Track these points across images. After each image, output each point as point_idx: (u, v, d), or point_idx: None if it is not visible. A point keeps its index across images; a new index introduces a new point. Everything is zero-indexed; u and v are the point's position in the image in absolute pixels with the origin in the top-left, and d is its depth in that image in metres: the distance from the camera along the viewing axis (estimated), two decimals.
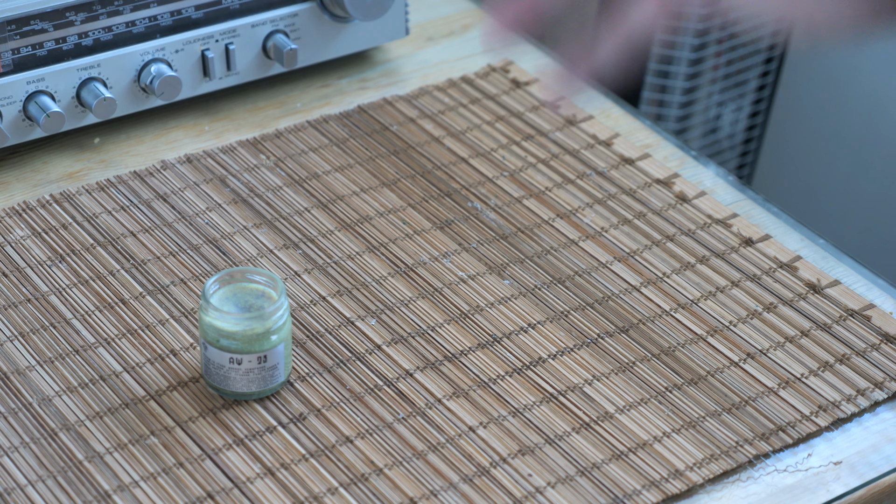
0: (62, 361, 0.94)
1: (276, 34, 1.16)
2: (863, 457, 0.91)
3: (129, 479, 0.86)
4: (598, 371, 0.95)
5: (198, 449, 0.89)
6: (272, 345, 0.90)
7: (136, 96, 1.13)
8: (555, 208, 1.09)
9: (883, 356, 0.97)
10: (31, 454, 0.88)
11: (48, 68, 1.08)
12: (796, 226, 1.09)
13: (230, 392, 0.91)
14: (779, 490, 0.89)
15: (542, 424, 0.91)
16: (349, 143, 1.14)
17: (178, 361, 0.94)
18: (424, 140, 1.15)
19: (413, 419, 0.91)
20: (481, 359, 0.96)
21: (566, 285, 1.02)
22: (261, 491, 0.86)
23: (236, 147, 1.13)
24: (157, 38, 1.12)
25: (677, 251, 1.05)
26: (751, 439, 0.91)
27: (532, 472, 0.88)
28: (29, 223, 1.05)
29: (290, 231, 1.05)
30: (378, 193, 1.09)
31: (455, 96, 1.20)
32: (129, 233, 1.05)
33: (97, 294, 0.99)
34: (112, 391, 0.92)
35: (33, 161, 1.12)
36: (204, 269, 1.02)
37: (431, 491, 0.87)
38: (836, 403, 0.94)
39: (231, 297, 0.90)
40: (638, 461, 0.89)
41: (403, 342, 0.97)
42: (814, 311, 1.01)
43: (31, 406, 0.91)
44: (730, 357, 0.97)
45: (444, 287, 1.01)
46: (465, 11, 1.31)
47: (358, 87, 1.21)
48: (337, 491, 0.86)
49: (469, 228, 1.06)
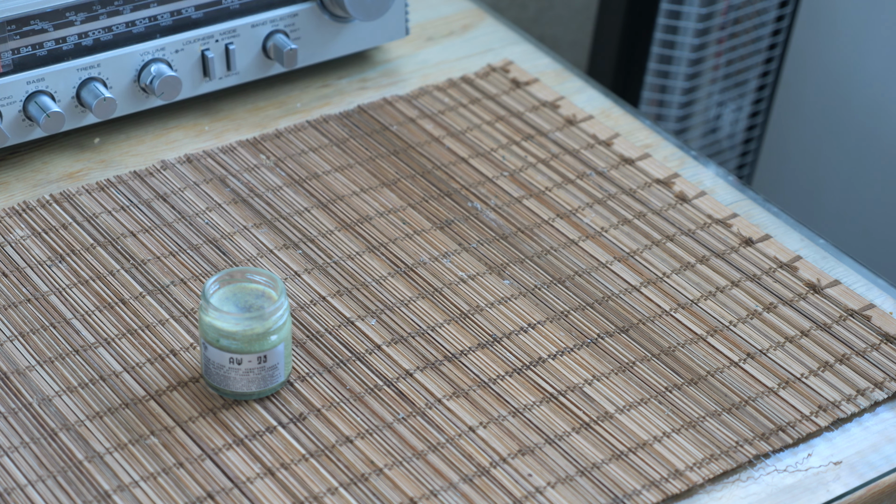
0: (62, 361, 0.94)
1: (276, 34, 1.16)
2: (863, 457, 0.91)
3: (129, 479, 0.86)
4: (598, 371, 0.95)
5: (198, 449, 0.89)
6: (272, 345, 0.90)
7: (136, 96, 1.13)
8: (555, 208, 1.09)
9: (883, 356, 0.97)
10: (31, 454, 0.88)
11: (48, 68, 1.08)
12: (796, 226, 1.09)
13: (230, 392, 0.91)
14: (779, 490, 0.89)
15: (542, 424, 0.91)
16: (349, 143, 1.14)
17: (178, 361, 0.94)
18: (424, 140, 1.15)
19: (413, 419, 0.91)
20: (481, 359, 0.96)
21: (566, 285, 1.02)
22: (261, 491, 0.86)
23: (236, 147, 1.13)
24: (157, 38, 1.12)
25: (677, 251, 1.05)
26: (751, 439, 0.91)
27: (532, 472, 0.88)
28: (29, 223, 1.05)
29: (290, 231, 1.05)
30: (378, 193, 1.09)
31: (455, 96, 1.20)
32: (129, 233, 1.05)
33: (97, 294, 0.99)
34: (112, 391, 0.92)
35: (33, 161, 1.12)
36: (204, 269, 1.02)
37: (431, 491, 0.87)
38: (836, 403, 0.94)
39: (231, 297, 0.90)
40: (638, 461, 0.89)
41: (403, 342, 0.97)
42: (814, 311, 1.01)
43: (31, 406, 0.91)
44: (730, 357, 0.97)
45: (444, 287, 1.01)
46: (465, 11, 1.31)
47: (358, 87, 1.21)
48: (337, 491, 0.86)
49: (469, 228, 1.06)
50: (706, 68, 1.75)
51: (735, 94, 1.80)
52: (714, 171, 1.14)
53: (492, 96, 1.20)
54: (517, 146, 1.15)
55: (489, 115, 1.18)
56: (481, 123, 1.17)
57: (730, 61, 1.77)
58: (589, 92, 1.22)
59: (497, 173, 1.12)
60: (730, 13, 1.73)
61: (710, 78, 1.77)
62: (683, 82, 1.73)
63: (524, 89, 1.21)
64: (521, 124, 1.17)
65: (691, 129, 1.78)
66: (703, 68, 1.74)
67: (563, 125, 1.17)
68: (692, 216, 1.08)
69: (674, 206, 1.09)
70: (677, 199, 1.10)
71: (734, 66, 1.77)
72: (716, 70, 1.76)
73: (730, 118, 1.81)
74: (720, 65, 1.76)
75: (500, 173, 1.12)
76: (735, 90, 1.80)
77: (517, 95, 1.20)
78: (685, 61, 1.72)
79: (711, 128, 1.81)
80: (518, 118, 1.18)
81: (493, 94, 1.20)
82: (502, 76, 1.22)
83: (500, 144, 1.15)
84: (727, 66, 1.77)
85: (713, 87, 1.78)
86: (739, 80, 1.79)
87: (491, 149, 1.14)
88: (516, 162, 1.13)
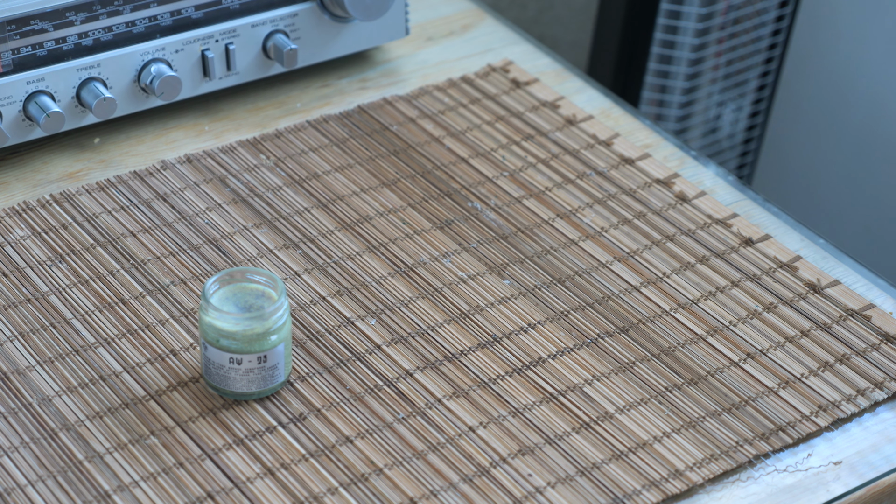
0: (62, 361, 0.94)
1: (276, 34, 1.16)
2: (863, 457, 0.91)
3: (129, 479, 0.86)
4: (598, 371, 0.95)
5: (198, 449, 0.89)
6: (272, 345, 0.90)
7: (136, 96, 1.13)
8: (555, 208, 1.09)
9: (883, 356, 0.97)
10: (31, 454, 0.88)
11: (48, 68, 1.08)
12: (796, 226, 1.09)
13: (230, 392, 0.91)
14: (779, 490, 0.89)
15: (542, 424, 0.91)
16: (349, 143, 1.14)
17: (178, 361, 0.94)
18: (424, 140, 1.15)
19: (413, 419, 0.91)
20: (481, 359, 0.96)
21: (566, 285, 1.02)
22: (261, 491, 0.86)
23: (236, 147, 1.13)
24: (157, 38, 1.12)
25: (677, 251, 1.05)
26: (751, 439, 0.91)
27: (532, 472, 0.88)
28: (29, 223, 1.05)
29: (290, 231, 1.05)
30: (378, 193, 1.09)
31: (455, 96, 1.20)
32: (129, 233, 1.05)
33: (97, 294, 0.99)
34: (112, 391, 0.92)
35: (33, 161, 1.12)
36: (204, 269, 1.02)
37: (431, 491, 0.87)
38: (836, 403, 0.94)
39: (231, 297, 0.90)
40: (638, 461, 0.89)
41: (403, 342, 0.97)
42: (814, 311, 1.01)
43: (31, 406, 0.91)
44: (730, 357, 0.97)
45: (444, 287, 1.01)
46: (465, 11, 1.31)
47: (358, 87, 1.21)
48: (337, 491, 0.86)
49: (469, 228, 1.06)
50: (706, 68, 1.75)
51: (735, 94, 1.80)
52: (714, 171, 1.14)
53: (492, 96, 1.20)
54: (517, 146, 1.15)
55: (489, 115, 1.18)
56: (481, 123, 1.17)
57: (730, 61, 1.77)
58: (589, 92, 1.22)
59: (497, 173, 1.12)
60: (730, 13, 1.73)
61: (710, 78, 1.77)
62: (683, 82, 1.73)
63: (524, 89, 1.21)
64: (521, 124, 1.17)
65: (691, 129, 1.78)
66: (703, 68, 1.74)
67: (563, 125, 1.17)
68: (692, 216, 1.08)
69: (674, 206, 1.09)
70: (677, 199, 1.10)
71: (734, 66, 1.77)
72: (716, 70, 1.76)
73: (730, 118, 1.81)
74: (720, 65, 1.76)
75: (500, 173, 1.12)
76: (735, 90, 1.80)
77: (517, 95, 1.20)
78: (685, 61, 1.72)
79: (711, 128, 1.81)
80: (518, 118, 1.18)
81: (493, 94, 1.20)
82: (502, 76, 1.22)
83: (500, 144, 1.15)
84: (727, 66, 1.77)
85: (713, 87, 1.78)
86: (739, 80, 1.79)
87: (491, 149, 1.14)
88: (516, 162, 1.13)
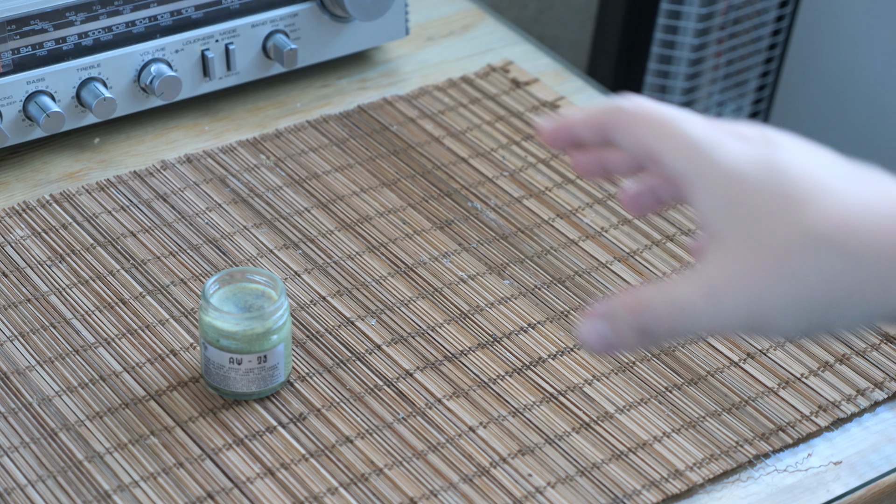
0: (62, 361, 0.94)
1: (276, 34, 1.16)
2: (863, 457, 0.91)
3: (129, 479, 0.86)
4: (598, 371, 0.95)
5: (198, 449, 0.89)
6: (272, 345, 0.90)
7: (136, 96, 1.13)
8: (555, 208, 1.09)
9: (883, 356, 0.97)
10: (31, 454, 0.88)
11: (48, 68, 1.08)
12: None
13: (230, 392, 0.91)
14: (779, 490, 0.89)
15: (542, 424, 0.91)
16: (349, 143, 1.14)
17: (178, 361, 0.94)
18: (424, 140, 1.15)
19: (413, 419, 0.91)
20: (481, 359, 0.96)
21: (566, 285, 1.02)
22: (261, 491, 0.86)
23: (236, 147, 1.13)
24: (157, 38, 1.12)
25: (677, 251, 1.05)
26: (751, 439, 0.91)
27: (532, 472, 0.88)
28: (29, 223, 1.05)
29: (290, 231, 1.05)
30: (378, 193, 1.09)
31: (455, 96, 1.20)
32: (129, 233, 1.05)
33: (97, 294, 0.99)
34: (112, 391, 0.92)
35: (33, 161, 1.12)
36: (204, 269, 1.02)
37: (431, 491, 0.87)
38: (836, 403, 0.94)
39: (231, 297, 0.90)
40: (638, 461, 0.89)
41: (403, 342, 0.97)
42: None
43: (31, 406, 0.91)
44: (730, 357, 0.97)
45: (444, 287, 1.01)
46: (465, 11, 1.31)
47: (358, 87, 1.21)
48: (337, 491, 0.86)
49: (469, 228, 1.06)
50: (706, 68, 1.75)
51: (735, 94, 1.80)
52: None
53: (492, 96, 1.20)
54: (517, 146, 1.15)
55: (489, 115, 1.18)
56: (481, 123, 1.17)
57: (730, 61, 1.77)
58: (589, 92, 1.22)
59: (497, 173, 1.12)
60: (730, 13, 1.73)
61: (710, 78, 1.77)
62: (683, 82, 1.73)
63: (524, 89, 1.21)
64: (521, 124, 1.17)
65: None
66: (703, 68, 1.75)
67: None
68: (692, 216, 1.08)
69: (673, 206, 1.09)
70: None
71: (734, 66, 1.77)
72: (716, 70, 1.76)
73: (730, 118, 1.81)
74: (720, 65, 1.76)
75: (500, 173, 1.12)
76: (735, 90, 1.80)
77: (517, 95, 1.20)
78: (685, 61, 1.72)
79: None
80: (518, 118, 1.18)
81: (493, 94, 1.20)
82: (502, 76, 1.22)
83: (500, 144, 1.15)
84: (727, 66, 1.77)
85: (713, 87, 1.78)
86: (739, 80, 1.79)
87: (491, 149, 1.14)
88: (516, 162, 1.13)
